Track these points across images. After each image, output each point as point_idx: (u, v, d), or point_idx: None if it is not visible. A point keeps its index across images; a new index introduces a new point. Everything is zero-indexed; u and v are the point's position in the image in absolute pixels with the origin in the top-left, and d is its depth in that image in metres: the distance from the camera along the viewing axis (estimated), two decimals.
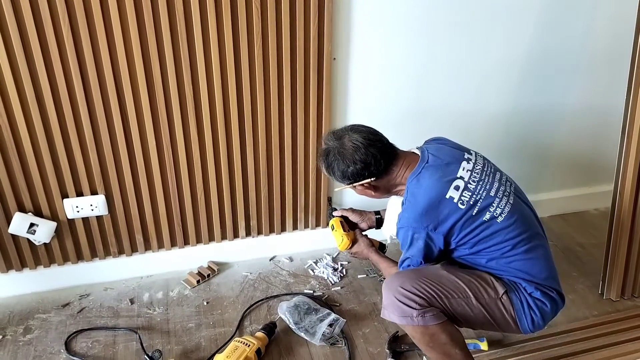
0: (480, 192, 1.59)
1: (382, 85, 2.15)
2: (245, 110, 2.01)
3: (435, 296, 1.56)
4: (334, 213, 2.01)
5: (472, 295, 1.59)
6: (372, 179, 1.65)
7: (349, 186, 1.71)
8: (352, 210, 2.02)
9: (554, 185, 2.62)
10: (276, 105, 2.04)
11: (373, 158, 1.62)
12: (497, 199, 1.59)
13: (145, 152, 1.99)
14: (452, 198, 1.56)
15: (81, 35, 1.76)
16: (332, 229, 1.93)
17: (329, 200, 2.31)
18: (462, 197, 1.57)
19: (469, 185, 1.59)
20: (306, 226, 2.35)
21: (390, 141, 1.70)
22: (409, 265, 1.66)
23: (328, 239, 2.35)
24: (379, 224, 2.00)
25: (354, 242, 1.90)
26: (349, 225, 1.95)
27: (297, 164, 2.18)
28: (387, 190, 1.72)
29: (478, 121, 2.33)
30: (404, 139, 1.82)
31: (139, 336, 1.92)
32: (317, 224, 2.35)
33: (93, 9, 1.73)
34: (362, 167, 1.63)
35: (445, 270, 1.62)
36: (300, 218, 2.31)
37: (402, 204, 1.65)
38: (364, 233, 1.96)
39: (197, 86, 1.93)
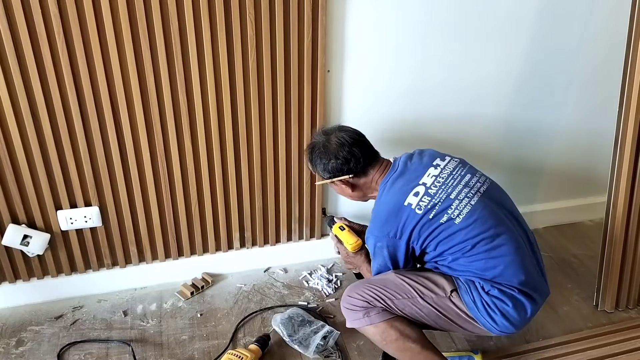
0: (440, 196, 1.65)
1: (376, 97, 2.16)
2: (240, 121, 2.02)
3: (377, 298, 1.66)
4: (335, 219, 2.05)
5: (417, 295, 1.66)
6: (350, 176, 1.75)
7: (328, 181, 1.81)
8: (348, 221, 2.07)
9: (548, 196, 2.62)
10: (270, 116, 2.04)
11: (354, 156, 1.73)
12: (457, 201, 1.64)
13: (139, 163, 1.99)
14: (410, 204, 1.64)
15: (75, 47, 1.76)
16: (342, 230, 1.97)
17: (323, 211, 2.31)
18: (420, 203, 1.64)
19: (429, 190, 1.66)
20: (300, 237, 2.35)
21: (375, 148, 1.80)
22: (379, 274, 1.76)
23: (323, 250, 2.36)
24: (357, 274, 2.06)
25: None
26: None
27: (291, 175, 2.18)
28: (363, 192, 1.82)
29: (472, 133, 2.33)
30: (397, 151, 1.83)
31: (132, 349, 1.91)
32: (312, 235, 2.35)
33: (88, 22, 1.74)
34: (342, 162, 1.73)
35: (393, 274, 1.72)
36: (294, 229, 2.31)
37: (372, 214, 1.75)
38: None
39: (191, 98, 1.94)
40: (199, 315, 2.09)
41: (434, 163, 1.72)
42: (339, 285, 2.26)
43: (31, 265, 2.07)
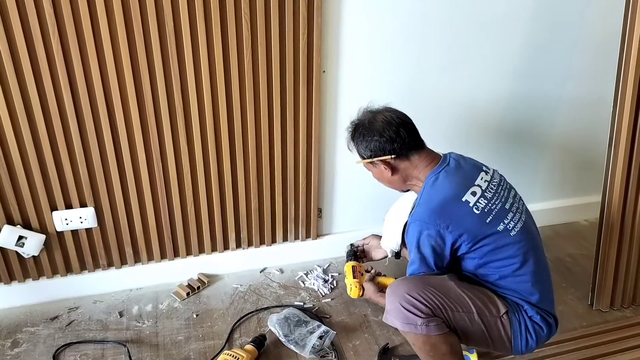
0: (496, 203, 1.60)
1: (372, 97, 2.14)
2: (235, 122, 2.02)
3: (440, 307, 1.56)
4: (356, 248, 2.05)
5: (475, 311, 1.58)
6: (392, 157, 1.66)
7: (368, 161, 1.70)
8: (374, 235, 2.03)
9: (543, 196, 2.63)
10: (266, 117, 2.04)
11: (399, 137, 1.64)
12: (511, 213, 1.61)
13: (134, 164, 1.99)
14: (468, 202, 1.57)
15: (71, 48, 1.76)
16: (351, 270, 1.99)
17: (319, 211, 2.31)
18: (478, 203, 1.58)
19: (485, 194, 1.60)
20: (296, 238, 2.35)
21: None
22: (419, 268, 1.63)
23: (319, 251, 2.37)
24: (397, 253, 1.99)
25: (363, 288, 1.94)
26: (361, 265, 2.02)
27: (287, 176, 2.18)
28: (402, 178, 1.71)
29: (468, 134, 2.34)
30: None
31: (128, 349, 1.91)
32: (308, 236, 2.35)
33: (83, 23, 1.74)
34: (387, 140, 1.64)
35: (452, 282, 1.62)
36: (290, 229, 2.31)
37: (416, 201, 1.65)
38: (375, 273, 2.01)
39: (187, 99, 1.94)
40: (194, 316, 2.09)
41: (484, 169, 1.69)
42: (334, 285, 2.26)
43: (26, 266, 2.06)
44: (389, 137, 1.64)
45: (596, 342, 1.96)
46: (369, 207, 2.31)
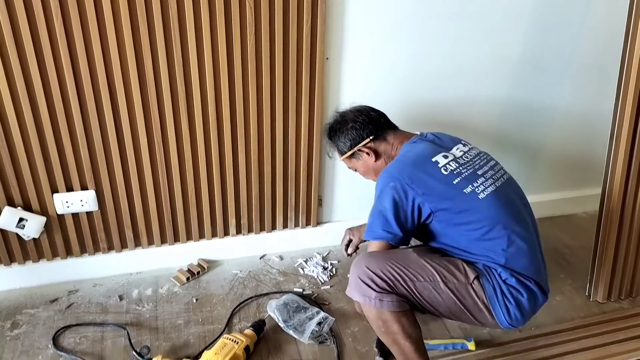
0: (467, 167, 1.65)
1: (374, 85, 2.16)
2: (238, 107, 2.02)
3: (400, 279, 1.57)
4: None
5: (439, 280, 1.59)
6: (371, 138, 1.76)
7: (349, 153, 1.80)
8: (350, 229, 2.07)
9: (543, 188, 2.63)
10: (268, 103, 2.04)
11: (372, 119, 1.78)
12: (483, 179, 1.64)
13: (136, 148, 1.99)
14: (437, 162, 1.64)
15: (73, 29, 1.75)
16: None
17: (320, 199, 2.32)
18: (448, 166, 1.64)
19: (458, 159, 1.66)
20: (297, 225, 2.35)
21: None
22: (375, 220, 1.65)
23: (318, 238, 2.38)
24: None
25: None
26: None
27: (288, 163, 2.18)
28: (386, 163, 1.77)
29: (468, 121, 2.34)
30: None
31: (128, 332, 1.92)
32: (308, 223, 2.36)
33: (86, 4, 1.73)
34: (361, 125, 1.77)
35: (415, 253, 1.64)
36: (290, 216, 2.32)
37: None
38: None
39: (189, 84, 1.93)
40: (194, 301, 2.09)
41: (462, 142, 1.76)
42: (334, 272, 2.27)
43: (27, 248, 2.06)
44: (363, 121, 1.77)
45: (593, 333, 1.98)
46: (369, 196, 2.28)
